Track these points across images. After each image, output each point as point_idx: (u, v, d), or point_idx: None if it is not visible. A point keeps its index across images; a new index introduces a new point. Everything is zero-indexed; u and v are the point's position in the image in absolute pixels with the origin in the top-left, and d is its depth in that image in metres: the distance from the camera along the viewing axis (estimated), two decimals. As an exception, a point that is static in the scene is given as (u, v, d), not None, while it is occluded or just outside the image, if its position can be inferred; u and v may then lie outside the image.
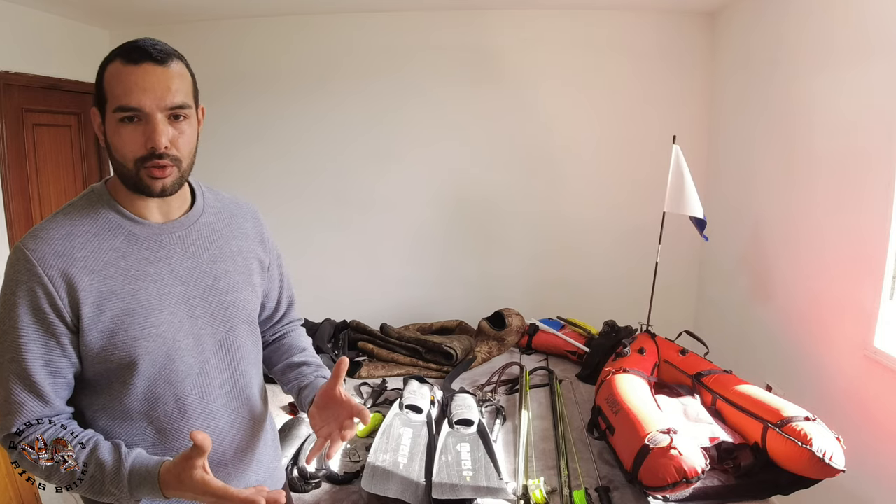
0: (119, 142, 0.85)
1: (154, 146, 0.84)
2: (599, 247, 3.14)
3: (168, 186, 0.88)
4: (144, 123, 0.84)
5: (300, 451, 1.61)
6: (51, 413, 0.85)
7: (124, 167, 0.86)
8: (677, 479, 1.31)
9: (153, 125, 0.83)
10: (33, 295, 0.82)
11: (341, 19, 3.00)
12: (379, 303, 3.17)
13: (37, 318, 0.83)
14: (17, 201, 2.50)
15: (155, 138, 0.83)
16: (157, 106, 0.83)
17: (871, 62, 1.81)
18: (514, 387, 2.14)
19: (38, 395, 0.84)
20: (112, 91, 0.83)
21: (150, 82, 0.82)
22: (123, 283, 0.87)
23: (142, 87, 0.82)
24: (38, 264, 0.82)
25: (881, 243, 1.76)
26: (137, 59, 0.82)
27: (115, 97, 0.83)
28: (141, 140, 0.84)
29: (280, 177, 3.18)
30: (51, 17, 2.68)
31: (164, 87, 0.83)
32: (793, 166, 2.24)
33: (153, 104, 0.83)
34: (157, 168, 0.85)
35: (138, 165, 0.85)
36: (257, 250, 1.08)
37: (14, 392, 0.83)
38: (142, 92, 0.82)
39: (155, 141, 0.83)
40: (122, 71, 0.83)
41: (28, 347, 0.82)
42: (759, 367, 2.40)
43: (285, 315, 1.22)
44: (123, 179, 0.89)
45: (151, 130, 0.83)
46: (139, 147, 0.84)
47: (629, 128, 3.01)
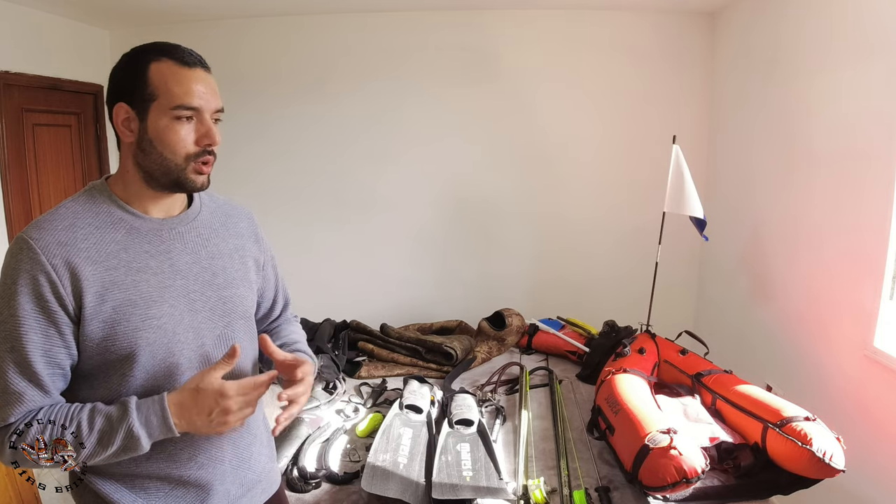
0: (174, 138, 0.89)
1: (211, 143, 0.91)
2: (599, 247, 3.14)
3: (207, 182, 0.95)
4: (198, 123, 0.90)
5: (300, 451, 1.61)
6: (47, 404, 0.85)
7: (172, 162, 0.90)
8: (677, 479, 1.31)
9: (208, 125, 0.91)
10: (36, 283, 0.82)
11: (341, 19, 3.00)
12: (379, 303, 3.17)
13: (39, 306, 0.83)
14: (17, 201, 2.50)
15: (213, 136, 0.91)
16: (210, 108, 0.91)
17: (870, 62, 1.81)
18: (514, 387, 2.14)
19: (37, 385, 0.84)
20: (168, 89, 0.87)
21: (204, 86, 0.90)
22: (126, 275, 0.88)
23: (201, 90, 0.89)
24: (41, 252, 0.83)
25: (881, 243, 1.76)
26: (192, 64, 0.90)
27: (173, 96, 0.87)
28: (194, 137, 0.90)
29: (280, 177, 3.18)
30: (51, 17, 2.69)
31: (213, 91, 0.92)
32: (792, 166, 2.24)
33: (208, 106, 0.90)
34: (207, 164, 0.92)
35: (188, 161, 0.90)
36: (252, 249, 1.10)
37: (13, 382, 0.82)
38: (201, 94, 0.89)
39: (212, 138, 0.91)
40: (178, 72, 0.88)
41: (28, 336, 0.82)
42: (759, 367, 2.40)
43: (282, 314, 1.24)
44: (163, 174, 0.91)
45: (208, 129, 0.91)
46: (191, 144, 0.90)
47: (629, 128, 3.01)
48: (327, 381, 2.08)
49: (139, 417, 0.84)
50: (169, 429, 0.85)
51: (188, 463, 0.95)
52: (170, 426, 0.85)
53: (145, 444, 0.85)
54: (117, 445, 0.84)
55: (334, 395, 2.02)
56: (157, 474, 0.94)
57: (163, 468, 0.94)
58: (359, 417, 1.91)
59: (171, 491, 0.95)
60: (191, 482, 0.96)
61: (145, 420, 0.84)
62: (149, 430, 0.84)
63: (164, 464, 0.94)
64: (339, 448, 1.71)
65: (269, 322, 1.21)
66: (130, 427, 0.83)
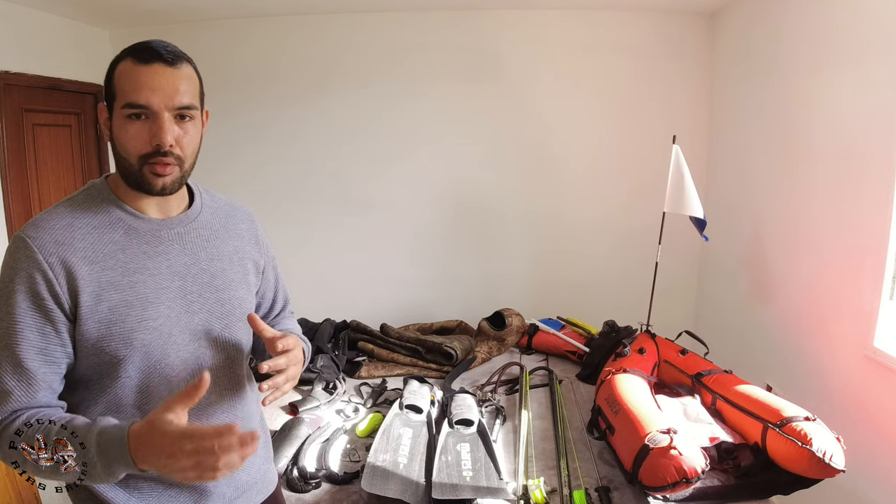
0: (125, 137, 0.86)
1: (160, 143, 0.86)
2: (599, 247, 3.13)
3: (168, 185, 0.89)
4: (151, 121, 0.86)
5: (300, 451, 1.61)
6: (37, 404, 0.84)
7: (128, 163, 0.88)
8: (677, 479, 1.31)
9: (159, 123, 0.85)
10: (32, 281, 0.82)
11: (341, 19, 3.00)
12: (379, 303, 3.17)
13: (35, 304, 0.83)
14: (17, 201, 2.49)
15: (161, 136, 0.85)
16: (165, 105, 0.85)
17: (870, 62, 1.81)
18: (514, 387, 2.14)
19: (27, 383, 0.83)
20: (121, 88, 0.85)
21: (159, 82, 0.84)
22: (122, 276, 0.88)
23: (151, 86, 0.84)
24: (38, 251, 0.83)
25: (881, 243, 1.76)
26: (148, 59, 0.85)
27: (124, 94, 0.85)
28: (146, 137, 0.86)
29: (280, 176, 3.18)
30: (51, 17, 2.68)
31: (172, 87, 0.85)
32: (792, 166, 2.24)
33: (161, 103, 0.85)
34: (160, 165, 0.87)
35: (142, 162, 0.87)
36: (252, 251, 1.09)
37: (2, 380, 0.82)
38: (151, 91, 0.84)
39: (161, 139, 0.85)
40: (132, 69, 0.85)
41: (23, 335, 0.82)
42: (759, 367, 2.40)
43: (280, 314, 1.24)
44: (125, 175, 0.90)
45: (158, 128, 0.85)
46: (144, 144, 0.86)
47: (629, 128, 3.01)
48: (327, 381, 2.08)
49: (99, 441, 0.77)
50: (126, 462, 0.76)
51: None
52: (126, 460, 0.75)
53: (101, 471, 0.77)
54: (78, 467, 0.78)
55: (334, 395, 2.02)
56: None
57: None
58: (359, 417, 1.91)
59: (164, 491, 0.95)
60: (185, 483, 0.95)
61: (105, 446, 0.77)
62: (105, 458, 0.76)
63: None
64: (339, 448, 1.71)
65: (267, 321, 1.21)
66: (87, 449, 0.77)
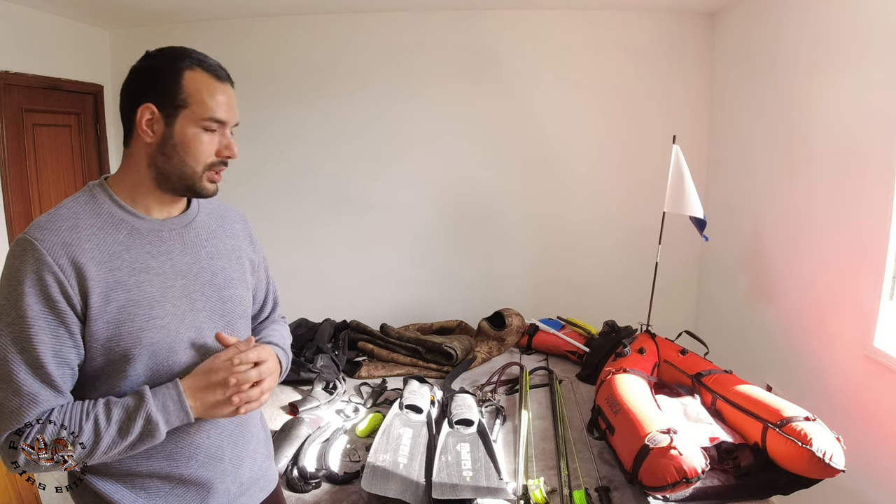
0: (199, 147, 0.93)
1: (231, 155, 0.97)
2: (599, 247, 3.14)
3: (216, 189, 0.99)
4: (220, 135, 0.95)
5: (300, 451, 1.61)
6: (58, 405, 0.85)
7: (191, 168, 0.93)
8: (677, 479, 1.31)
9: (229, 138, 0.96)
10: (43, 283, 0.82)
11: (340, 19, 3.00)
12: (379, 303, 3.17)
13: (48, 306, 0.82)
14: (17, 201, 2.50)
15: (233, 149, 0.97)
16: (232, 122, 0.97)
17: (870, 62, 1.81)
18: (514, 387, 2.14)
19: (49, 386, 0.83)
20: (202, 100, 0.91)
21: (231, 102, 0.96)
22: (129, 275, 0.89)
23: (229, 105, 0.95)
24: (46, 253, 0.82)
25: (881, 243, 1.76)
26: (223, 78, 0.95)
27: (206, 107, 0.91)
28: (215, 148, 0.95)
29: (279, 177, 3.18)
30: (51, 17, 2.69)
31: (235, 107, 0.97)
32: (792, 166, 2.24)
33: (231, 120, 0.96)
34: (218, 173, 0.97)
35: (205, 169, 0.95)
36: (248, 250, 1.12)
37: (26, 383, 0.82)
38: (228, 109, 0.94)
39: (232, 151, 0.97)
40: (212, 85, 0.92)
41: (39, 338, 0.82)
42: (759, 367, 2.40)
43: (270, 315, 1.25)
44: (177, 179, 0.94)
45: (229, 142, 0.96)
46: (212, 154, 0.95)
47: (629, 128, 3.01)
48: (327, 381, 2.08)
49: (156, 403, 0.86)
50: (185, 412, 0.88)
51: (189, 462, 0.95)
52: (186, 410, 0.88)
53: (163, 429, 0.87)
54: (136, 434, 0.85)
55: (334, 395, 2.02)
56: (157, 473, 0.94)
57: (163, 467, 0.94)
58: (359, 417, 1.91)
59: (171, 490, 0.95)
60: (191, 481, 0.96)
61: (162, 406, 0.86)
62: (166, 415, 0.87)
63: (165, 462, 0.94)
64: (339, 448, 1.71)
65: (256, 323, 1.21)
66: (149, 414, 0.85)
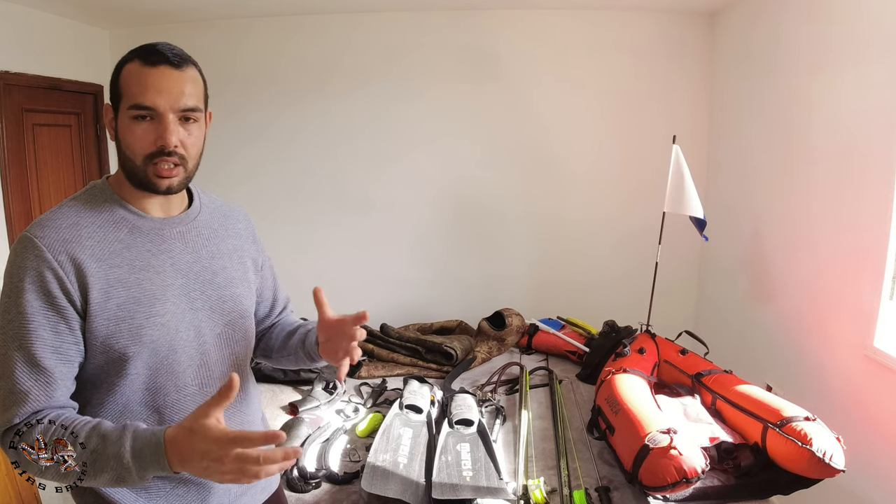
0: (131, 138, 0.88)
1: (164, 144, 0.87)
2: (599, 247, 3.13)
3: (174, 185, 0.92)
4: (156, 123, 0.87)
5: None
6: (55, 404, 0.84)
7: (133, 163, 0.89)
8: (677, 479, 1.31)
9: (164, 124, 0.87)
10: (43, 280, 0.82)
11: (340, 19, 3.00)
12: (379, 303, 3.16)
13: (47, 302, 0.83)
14: (17, 201, 2.50)
15: (166, 137, 0.87)
16: (170, 107, 0.87)
17: (870, 62, 1.81)
18: (514, 387, 2.14)
19: (45, 383, 0.83)
20: (128, 89, 0.87)
21: (165, 84, 0.87)
22: (129, 273, 0.89)
23: (157, 88, 0.86)
24: (46, 250, 0.83)
25: (881, 243, 1.76)
26: (155, 62, 0.87)
27: (130, 95, 0.87)
28: (151, 138, 0.88)
29: (279, 177, 3.18)
30: (51, 17, 2.68)
31: (178, 89, 0.88)
32: (793, 166, 2.24)
33: (166, 105, 0.87)
34: (165, 166, 0.89)
35: (146, 162, 0.89)
36: (250, 250, 1.11)
37: (20, 381, 0.81)
38: (157, 92, 0.86)
39: (165, 139, 0.87)
40: (139, 71, 0.87)
41: (38, 334, 0.82)
42: (759, 367, 2.40)
43: (282, 312, 1.25)
44: (130, 175, 0.91)
45: (163, 129, 0.87)
46: (149, 144, 0.88)
47: (629, 128, 3.01)
48: (327, 381, 2.08)
49: (133, 446, 0.78)
50: (161, 466, 0.77)
51: None
52: (163, 464, 0.77)
53: (136, 475, 0.78)
54: (109, 472, 0.79)
55: (334, 395, 2.02)
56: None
57: None
58: (359, 417, 1.91)
59: (171, 490, 0.95)
60: (192, 481, 0.96)
61: (139, 451, 0.78)
62: (140, 462, 0.78)
63: None
64: (339, 448, 1.71)
65: (270, 320, 1.22)
66: (121, 454, 0.78)
